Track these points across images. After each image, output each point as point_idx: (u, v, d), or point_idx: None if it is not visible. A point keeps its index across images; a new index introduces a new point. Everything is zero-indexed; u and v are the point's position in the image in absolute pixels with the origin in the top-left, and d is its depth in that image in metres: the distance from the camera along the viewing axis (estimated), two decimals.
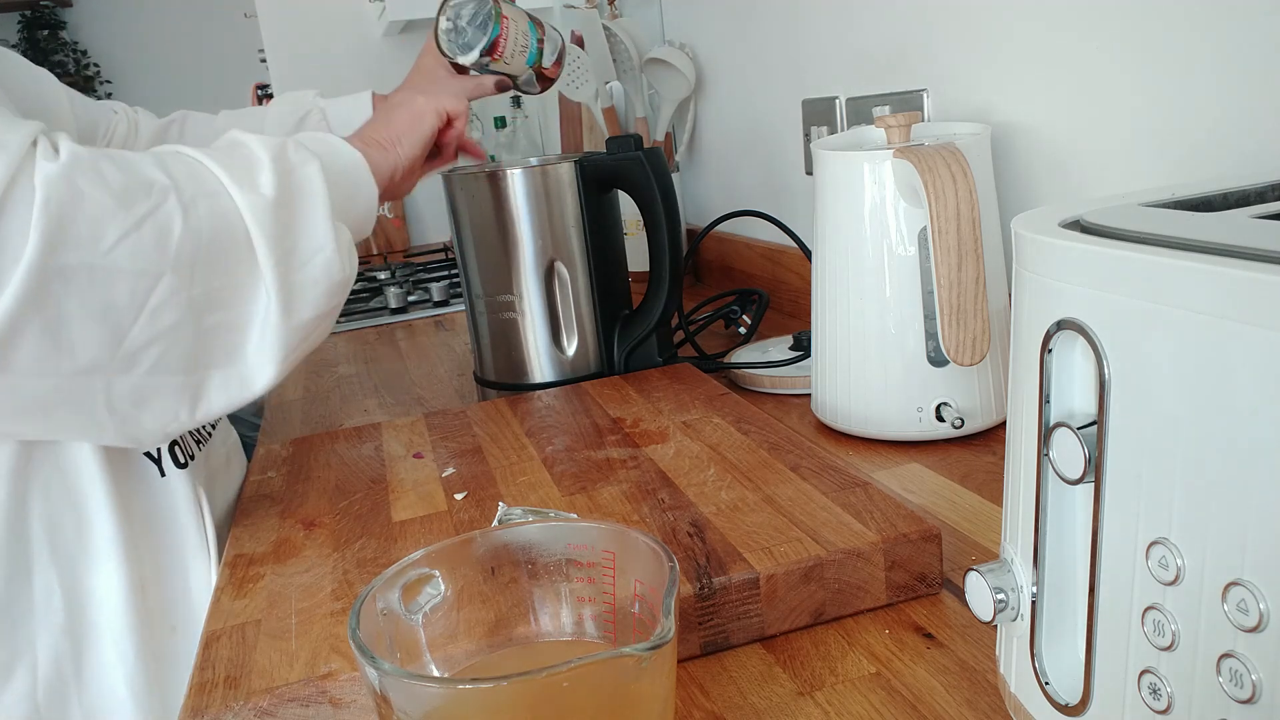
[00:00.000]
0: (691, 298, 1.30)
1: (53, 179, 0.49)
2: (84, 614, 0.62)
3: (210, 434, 0.75)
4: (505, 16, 0.87)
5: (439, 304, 1.49)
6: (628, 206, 0.94)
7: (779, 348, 0.99)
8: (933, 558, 0.54)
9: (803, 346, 0.95)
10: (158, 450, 0.66)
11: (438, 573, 0.42)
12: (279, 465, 0.77)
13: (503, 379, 0.95)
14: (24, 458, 0.59)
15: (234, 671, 0.49)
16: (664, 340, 0.95)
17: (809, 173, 1.16)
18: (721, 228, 1.23)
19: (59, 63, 5.30)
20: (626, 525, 0.43)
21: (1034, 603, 0.38)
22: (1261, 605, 0.27)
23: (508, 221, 0.90)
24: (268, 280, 0.57)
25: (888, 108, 0.97)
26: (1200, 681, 0.30)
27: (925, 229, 0.70)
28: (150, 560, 0.65)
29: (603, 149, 1.02)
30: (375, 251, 2.11)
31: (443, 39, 0.87)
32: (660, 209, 0.89)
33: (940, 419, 0.74)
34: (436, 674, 0.42)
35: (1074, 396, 0.35)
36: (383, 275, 1.71)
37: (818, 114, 1.11)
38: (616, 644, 0.43)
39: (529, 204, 0.89)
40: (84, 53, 5.44)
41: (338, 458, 0.77)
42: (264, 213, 0.57)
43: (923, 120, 0.89)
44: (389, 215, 2.14)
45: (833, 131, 1.09)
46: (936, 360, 0.73)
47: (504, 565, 0.44)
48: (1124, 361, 0.32)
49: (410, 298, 1.52)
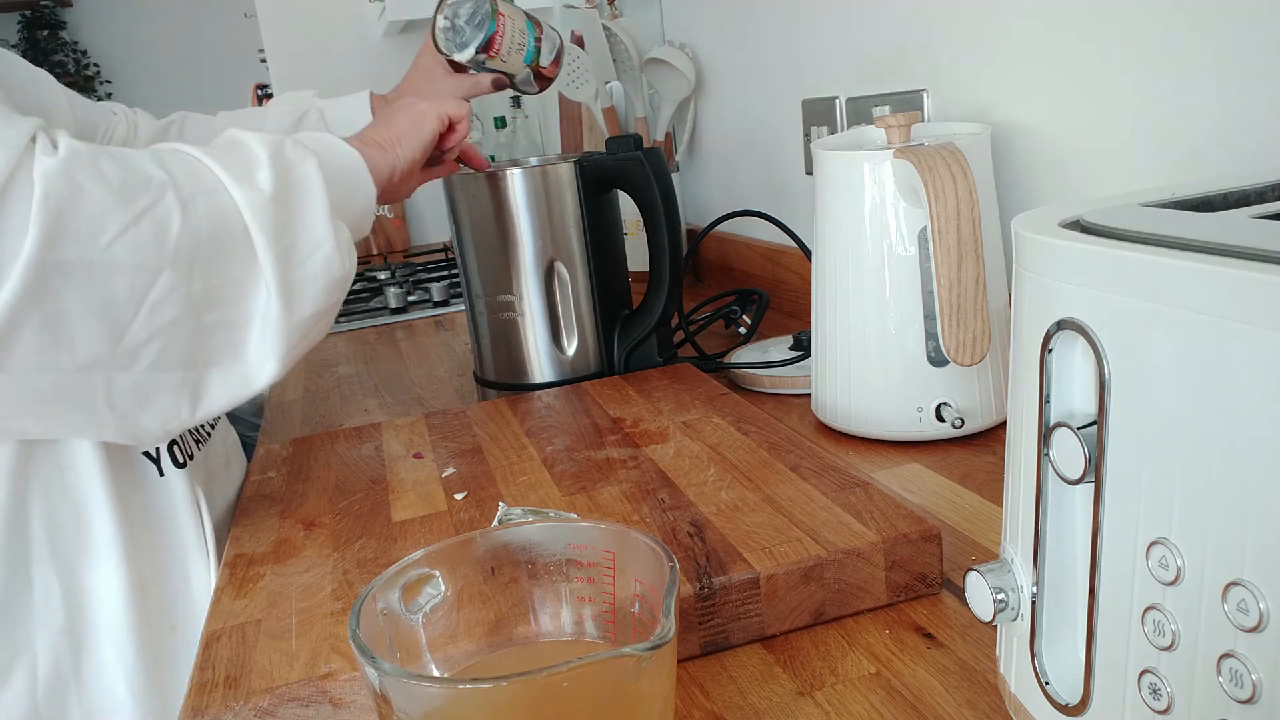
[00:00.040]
0: (691, 298, 1.30)
1: (51, 174, 0.49)
2: (83, 614, 0.62)
3: (209, 434, 0.75)
4: (502, 14, 0.87)
5: (439, 304, 1.49)
6: (628, 206, 0.94)
7: (779, 348, 0.99)
8: (933, 558, 0.54)
9: (803, 346, 0.95)
10: (156, 450, 0.66)
11: (438, 573, 0.42)
12: (279, 465, 0.77)
13: (503, 379, 0.95)
14: (23, 457, 0.59)
15: (234, 671, 0.49)
16: (664, 340, 0.94)
17: (809, 173, 1.16)
18: (721, 228, 1.23)
19: (59, 63, 5.31)
20: (626, 525, 0.43)
21: (1034, 603, 0.38)
22: (1261, 605, 0.27)
23: (508, 221, 0.90)
24: (267, 276, 0.57)
25: (888, 108, 0.97)
26: (1200, 681, 0.30)
27: (925, 229, 0.70)
28: (149, 560, 0.65)
29: (603, 149, 1.02)
30: (375, 251, 2.11)
31: (440, 37, 0.87)
32: (660, 209, 0.89)
33: (940, 419, 0.74)
34: (436, 674, 0.42)
35: (1074, 396, 0.35)
36: (383, 275, 1.71)
37: (818, 114, 1.11)
38: (616, 644, 0.43)
39: (529, 204, 0.89)
40: (84, 53, 5.44)
41: (338, 458, 0.77)
42: (262, 209, 0.57)
43: (923, 120, 0.89)
44: (389, 215, 2.14)
45: (833, 131, 1.09)
46: (936, 360, 0.73)
47: (504, 565, 0.44)
48: (1124, 361, 0.32)
49: (410, 298, 1.52)
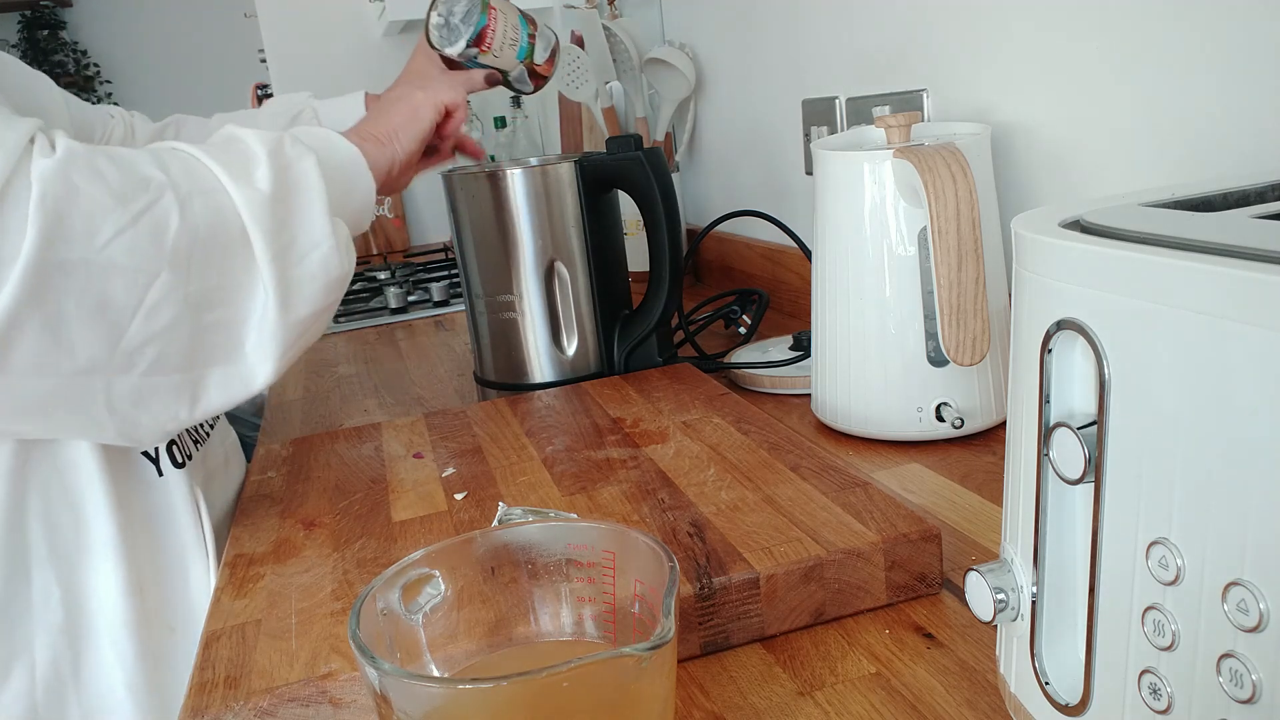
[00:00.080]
0: (691, 298, 1.30)
1: (49, 174, 0.49)
2: (82, 614, 0.62)
3: (208, 434, 0.75)
4: (494, 8, 0.88)
5: (439, 304, 1.49)
6: (628, 206, 0.94)
7: (779, 348, 0.99)
8: (933, 558, 0.54)
9: (803, 346, 0.95)
10: (155, 450, 0.66)
11: (438, 573, 0.42)
12: (279, 465, 0.77)
13: (503, 379, 0.95)
14: (22, 457, 0.59)
15: (234, 671, 0.49)
16: (664, 340, 0.94)
17: (809, 173, 1.16)
18: (721, 228, 1.23)
19: (59, 63, 5.30)
20: (626, 525, 0.43)
21: (1034, 603, 0.38)
22: (1261, 605, 0.27)
23: (508, 221, 0.90)
24: (265, 276, 0.57)
25: (888, 108, 0.97)
26: (1200, 681, 0.30)
27: (925, 229, 0.70)
28: (148, 560, 0.65)
29: (603, 149, 1.02)
30: (375, 251, 2.11)
31: (433, 33, 0.88)
32: (660, 209, 0.89)
33: (940, 419, 0.74)
34: (436, 674, 0.42)
35: (1074, 396, 0.35)
36: (383, 275, 1.71)
37: (818, 114, 1.11)
38: (616, 644, 0.43)
39: (529, 204, 0.89)
40: (84, 53, 5.44)
41: (338, 458, 0.77)
42: (260, 208, 0.57)
43: (923, 120, 0.89)
44: (389, 215, 2.13)
45: (833, 131, 1.09)
46: (936, 360, 0.73)
47: (504, 565, 0.44)
48: (1124, 361, 0.32)
49: (410, 298, 1.52)
